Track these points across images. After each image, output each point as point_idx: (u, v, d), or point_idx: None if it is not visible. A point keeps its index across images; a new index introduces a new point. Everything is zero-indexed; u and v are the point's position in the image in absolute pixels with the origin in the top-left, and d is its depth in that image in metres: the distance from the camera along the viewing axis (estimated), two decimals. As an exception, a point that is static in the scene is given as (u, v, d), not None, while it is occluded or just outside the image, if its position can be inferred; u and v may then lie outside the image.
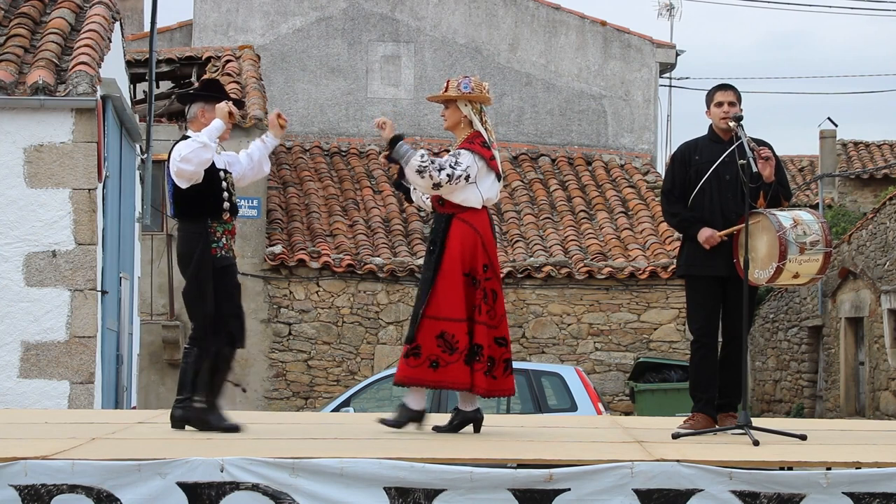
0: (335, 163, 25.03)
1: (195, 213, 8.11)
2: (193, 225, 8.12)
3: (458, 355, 7.83)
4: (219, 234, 8.15)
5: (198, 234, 8.10)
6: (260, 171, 8.56)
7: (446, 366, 7.83)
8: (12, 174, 13.73)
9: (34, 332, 13.67)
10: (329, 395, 21.08)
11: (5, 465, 6.33)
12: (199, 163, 7.97)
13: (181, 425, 8.06)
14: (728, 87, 8.36)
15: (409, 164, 7.96)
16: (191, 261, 8.10)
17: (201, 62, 23.58)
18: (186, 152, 7.98)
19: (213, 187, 8.12)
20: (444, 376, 7.85)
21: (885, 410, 22.85)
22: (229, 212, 8.20)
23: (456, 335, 7.83)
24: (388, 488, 6.38)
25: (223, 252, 8.15)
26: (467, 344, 7.85)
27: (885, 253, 23.30)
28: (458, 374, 7.84)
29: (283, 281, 21.87)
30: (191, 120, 8.29)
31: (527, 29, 26.21)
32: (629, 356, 22.00)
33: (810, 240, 7.79)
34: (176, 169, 8.02)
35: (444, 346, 7.84)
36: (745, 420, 7.60)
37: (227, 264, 8.17)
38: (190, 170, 7.99)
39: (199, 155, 7.96)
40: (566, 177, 25.07)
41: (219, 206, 8.14)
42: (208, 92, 8.38)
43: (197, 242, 8.09)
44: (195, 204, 8.10)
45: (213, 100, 8.28)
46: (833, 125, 27.71)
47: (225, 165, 8.27)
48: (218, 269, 8.11)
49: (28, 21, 14.91)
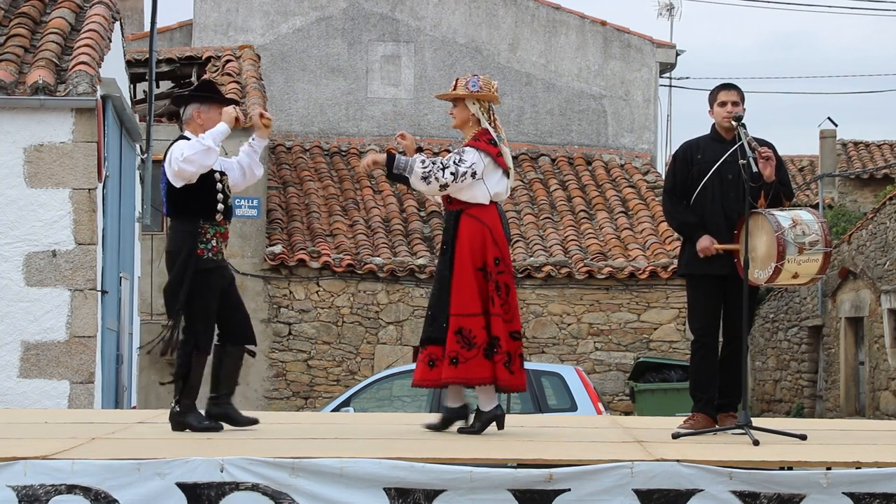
0: (335, 163, 25.03)
1: (187, 213, 8.07)
2: (184, 224, 8.08)
3: (476, 350, 7.83)
4: (209, 235, 8.09)
5: (187, 233, 8.05)
6: (252, 175, 8.51)
7: (466, 361, 7.82)
8: (12, 174, 13.73)
9: (34, 332, 13.67)
10: (329, 395, 21.08)
11: (5, 465, 6.33)
12: (201, 165, 7.96)
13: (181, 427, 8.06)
14: (731, 86, 8.35)
15: (413, 173, 7.98)
16: (175, 259, 8.04)
17: (201, 62, 23.58)
18: (190, 153, 7.93)
19: (208, 188, 8.09)
20: (465, 372, 7.83)
21: (885, 410, 22.85)
22: (223, 214, 8.17)
23: (473, 330, 7.83)
24: (388, 489, 6.37)
25: (210, 254, 8.07)
26: (486, 338, 7.85)
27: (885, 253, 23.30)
28: (480, 369, 7.82)
29: (283, 281, 21.87)
30: (186, 121, 8.25)
31: (527, 29, 26.21)
32: (629, 356, 22.00)
33: (809, 240, 7.79)
34: (177, 168, 7.97)
35: (463, 342, 7.83)
36: (745, 420, 7.60)
37: (212, 266, 8.07)
38: (191, 171, 7.96)
39: (202, 157, 7.94)
40: (566, 177, 25.07)
41: (212, 208, 8.10)
42: (204, 93, 8.36)
43: (184, 241, 8.03)
44: (188, 203, 8.06)
45: (209, 101, 8.25)
46: (833, 125, 27.73)
47: (220, 168, 8.26)
48: (202, 271, 8.03)
49: (28, 21, 14.91)
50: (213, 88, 8.47)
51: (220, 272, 8.16)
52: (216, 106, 8.23)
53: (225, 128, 8.09)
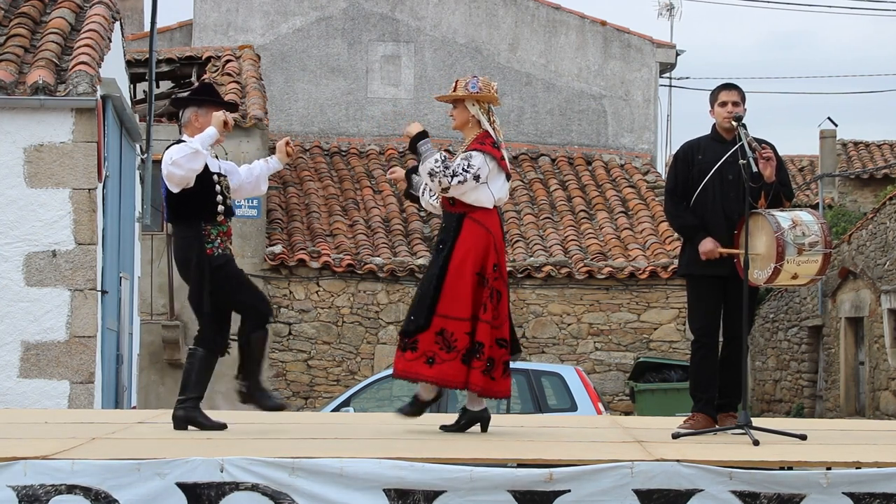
0: (335, 163, 25.04)
1: (189, 217, 8.14)
2: (188, 229, 8.15)
3: (455, 353, 7.86)
4: (213, 235, 8.17)
5: (192, 237, 8.13)
6: (257, 187, 8.61)
7: (442, 363, 7.87)
8: (12, 174, 13.73)
9: (34, 332, 13.67)
10: (329, 395, 21.08)
11: (5, 465, 6.33)
12: (189, 169, 8.00)
13: (184, 425, 8.07)
14: (732, 86, 8.34)
15: (424, 163, 8.03)
16: (189, 266, 8.13)
17: (201, 62, 23.57)
18: (178, 157, 8.01)
19: (206, 190, 8.14)
20: (439, 373, 7.89)
21: (885, 410, 22.86)
22: (224, 214, 8.22)
23: (455, 334, 7.86)
24: (388, 489, 6.37)
25: (219, 251, 8.17)
26: (467, 343, 7.87)
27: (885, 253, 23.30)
28: (454, 373, 7.86)
29: (283, 281, 21.87)
30: (184, 124, 8.30)
31: (527, 29, 26.21)
32: (629, 356, 22.00)
33: (809, 241, 7.79)
34: (166, 172, 8.07)
35: (442, 344, 7.88)
36: (745, 420, 7.60)
37: (223, 262, 8.17)
38: (179, 174, 8.02)
39: (189, 161, 7.99)
40: (566, 177, 25.07)
41: (212, 209, 8.16)
42: (201, 96, 8.39)
43: (192, 247, 8.12)
44: (188, 207, 8.13)
45: (207, 104, 8.29)
46: (833, 125, 27.73)
47: (219, 169, 8.29)
48: (216, 268, 8.12)
49: (28, 21, 14.91)
50: (211, 91, 8.50)
51: (232, 262, 8.27)
52: (214, 109, 8.26)
53: (213, 132, 8.14)
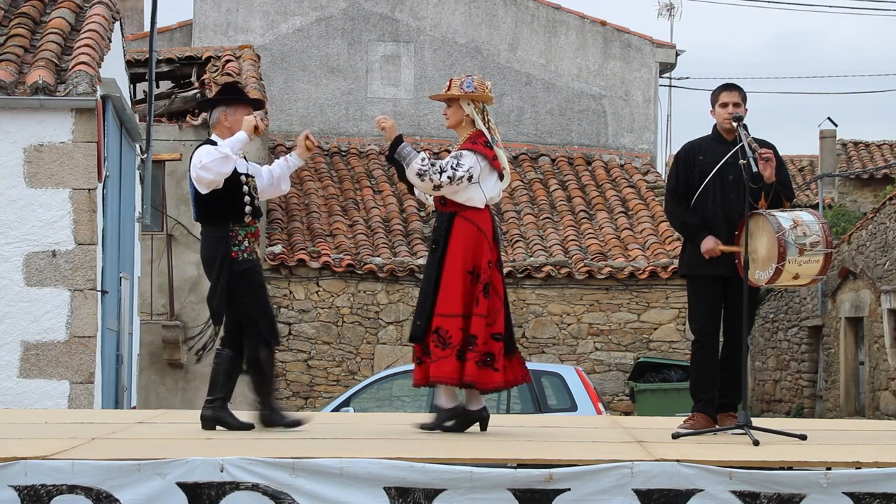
0: (335, 163, 25.04)
1: (217, 218, 8.22)
2: (215, 229, 8.22)
3: (450, 350, 7.87)
4: (240, 237, 8.23)
5: (219, 238, 8.19)
6: (278, 188, 8.74)
7: (437, 360, 7.87)
8: (12, 174, 13.72)
9: (34, 332, 13.67)
10: (329, 395, 21.08)
11: (5, 465, 6.33)
12: (218, 173, 8.08)
13: (212, 425, 8.10)
14: (733, 86, 8.34)
15: (410, 166, 8.02)
16: (213, 265, 8.19)
17: (201, 62, 23.56)
18: (208, 160, 8.07)
19: (235, 192, 8.22)
20: (433, 370, 7.88)
21: (885, 410, 22.86)
22: (251, 215, 8.30)
23: (450, 330, 7.87)
24: (388, 488, 6.38)
25: (244, 255, 8.22)
26: (461, 338, 7.87)
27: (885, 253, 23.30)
28: (448, 369, 7.84)
29: (283, 281, 21.87)
30: (213, 125, 8.39)
31: (527, 29, 26.21)
32: (629, 356, 22.00)
33: (810, 241, 7.79)
34: (195, 175, 8.15)
35: (439, 342, 7.88)
36: (745, 420, 7.61)
37: (248, 267, 8.23)
38: (209, 178, 8.09)
39: (219, 165, 8.06)
40: (566, 177, 25.07)
41: (240, 210, 8.24)
42: (229, 95, 8.48)
43: (218, 247, 8.18)
44: (216, 208, 8.20)
45: (235, 103, 8.37)
46: (833, 125, 27.74)
47: (247, 170, 8.36)
48: (239, 273, 8.17)
49: (28, 21, 14.91)
50: (238, 90, 8.68)
51: (257, 269, 8.34)
52: (242, 108, 8.38)
53: (244, 136, 8.23)
